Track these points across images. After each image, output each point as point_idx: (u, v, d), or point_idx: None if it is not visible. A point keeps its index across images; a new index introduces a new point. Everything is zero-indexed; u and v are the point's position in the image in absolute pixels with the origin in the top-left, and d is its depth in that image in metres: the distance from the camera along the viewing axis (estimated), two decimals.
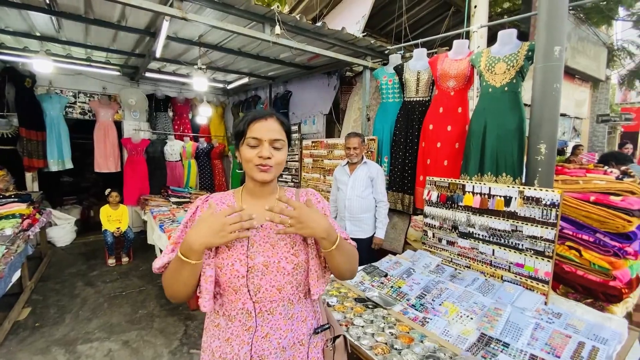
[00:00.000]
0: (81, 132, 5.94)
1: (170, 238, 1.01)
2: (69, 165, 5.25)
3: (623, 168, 1.93)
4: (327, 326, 1.07)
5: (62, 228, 5.22)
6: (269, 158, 0.95)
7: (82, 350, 2.65)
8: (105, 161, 5.53)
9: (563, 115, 6.23)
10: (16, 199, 3.72)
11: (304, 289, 1.00)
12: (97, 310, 3.28)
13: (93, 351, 2.64)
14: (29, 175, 5.05)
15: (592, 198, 1.82)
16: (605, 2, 4.87)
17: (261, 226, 0.99)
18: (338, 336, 1.08)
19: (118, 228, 4.55)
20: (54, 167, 5.08)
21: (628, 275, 1.79)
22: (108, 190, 4.71)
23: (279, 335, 0.94)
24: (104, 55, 4.62)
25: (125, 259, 4.60)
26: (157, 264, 0.97)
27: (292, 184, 4.92)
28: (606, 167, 1.92)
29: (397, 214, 3.33)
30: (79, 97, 5.48)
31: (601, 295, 1.79)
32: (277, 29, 2.82)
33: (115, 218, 4.64)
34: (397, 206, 3.25)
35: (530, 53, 2.18)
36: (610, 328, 1.51)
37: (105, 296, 3.59)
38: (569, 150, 6.24)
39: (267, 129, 0.97)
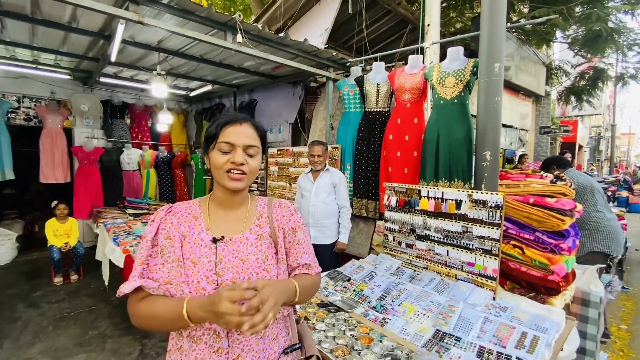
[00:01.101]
0: (25, 139, 5.48)
1: (136, 259, 0.90)
2: (10, 175, 4.79)
3: (556, 172, 2.15)
4: (297, 346, 1.00)
5: (2, 245, 4.75)
6: (242, 164, 0.90)
7: None
8: (52, 171, 5.12)
9: (510, 126, 6.79)
10: None
11: None
12: (41, 334, 2.99)
13: None
14: None
15: (531, 200, 2.00)
16: (542, 25, 5.43)
17: (230, 239, 0.93)
18: (311, 356, 1.02)
19: (66, 243, 4.21)
20: None
21: (564, 269, 1.97)
22: (55, 202, 4.36)
23: (251, 356, 0.88)
24: (53, 57, 4.33)
25: (74, 277, 4.26)
26: (126, 289, 0.85)
27: (257, 192, 4.87)
28: (542, 172, 2.12)
29: (362, 219, 3.41)
30: (23, 102, 5.06)
31: (542, 289, 1.95)
32: (239, 37, 2.83)
33: (62, 232, 4.29)
34: (362, 212, 3.33)
35: (475, 69, 2.37)
36: (550, 318, 1.65)
37: (50, 318, 3.29)
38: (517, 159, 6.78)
39: (241, 134, 0.92)
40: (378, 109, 3.18)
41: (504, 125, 6.27)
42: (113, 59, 3.49)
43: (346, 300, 1.93)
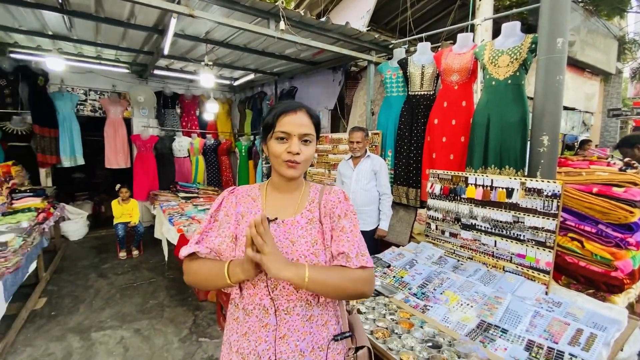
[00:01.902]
0: (92, 129, 6.07)
1: (197, 229, 1.03)
2: (81, 161, 5.38)
3: (626, 159, 1.93)
4: (348, 334, 1.01)
5: (75, 222, 5.37)
6: (298, 154, 0.93)
7: (96, 337, 2.76)
8: (115, 157, 5.66)
9: (572, 109, 6.15)
10: (31, 194, 3.85)
11: None
12: (110, 301, 3.39)
13: (106, 338, 2.74)
14: (42, 171, 5.20)
15: (594, 190, 1.83)
16: None
17: (283, 222, 0.97)
18: (362, 347, 1.00)
19: (129, 222, 4.66)
20: (66, 163, 5.22)
21: (630, 266, 1.80)
22: (118, 185, 4.82)
23: (297, 337, 0.91)
24: (114, 53, 4.72)
25: (135, 252, 4.73)
26: (183, 253, 0.98)
27: None
28: (609, 159, 1.92)
29: (403, 207, 3.35)
30: (89, 95, 5.60)
31: (603, 285, 1.81)
32: (282, 25, 2.86)
33: (126, 212, 4.76)
34: (402, 200, 3.27)
35: (533, 45, 2.17)
36: (609, 316, 1.53)
37: (117, 287, 3.70)
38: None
39: (297, 123, 0.94)
40: (422, 92, 3.05)
41: (565, 108, 5.69)
42: (166, 51, 3.72)
43: (386, 286, 1.94)
